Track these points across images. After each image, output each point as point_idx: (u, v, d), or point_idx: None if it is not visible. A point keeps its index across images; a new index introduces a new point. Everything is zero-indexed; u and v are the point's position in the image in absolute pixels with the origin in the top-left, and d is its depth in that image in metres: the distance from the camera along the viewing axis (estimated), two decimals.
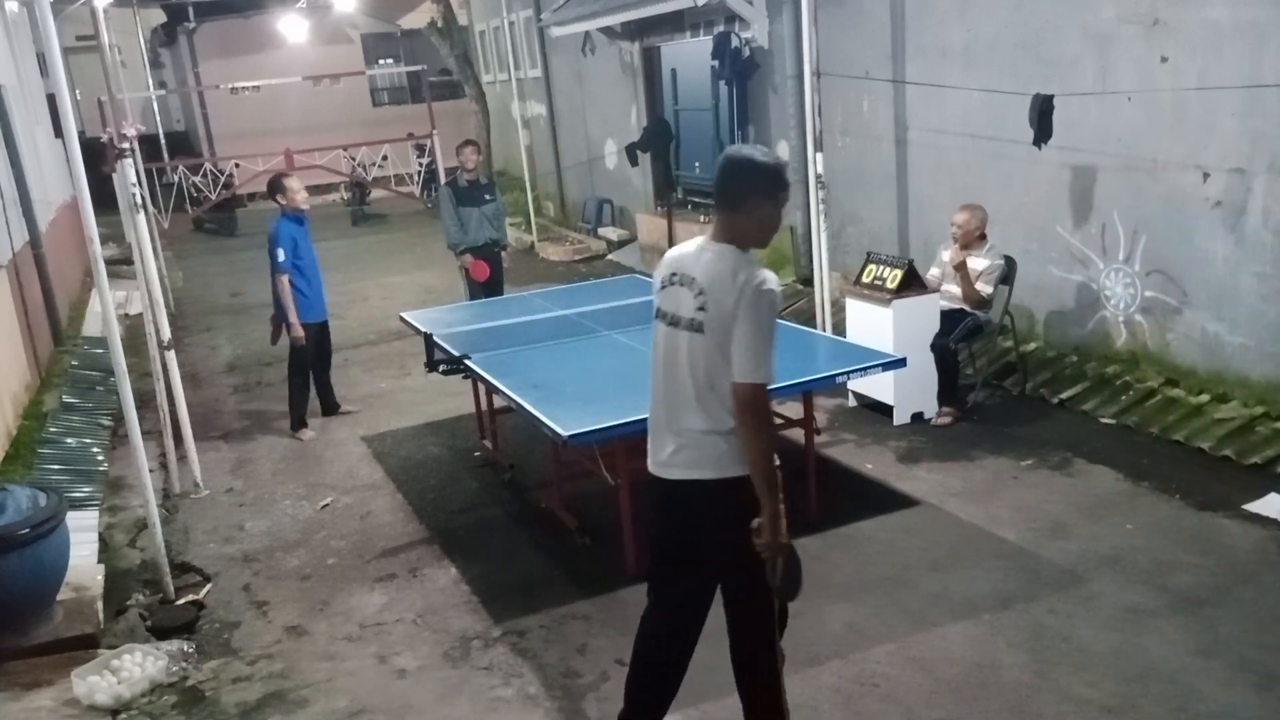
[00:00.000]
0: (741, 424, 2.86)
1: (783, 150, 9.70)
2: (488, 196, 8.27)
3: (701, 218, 10.46)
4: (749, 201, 2.90)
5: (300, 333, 6.79)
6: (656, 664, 3.23)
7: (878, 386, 6.21)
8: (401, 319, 6.81)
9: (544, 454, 5.64)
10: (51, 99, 11.70)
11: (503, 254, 8.54)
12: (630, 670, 3.28)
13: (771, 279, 2.86)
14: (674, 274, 2.99)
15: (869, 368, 5.04)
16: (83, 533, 5.04)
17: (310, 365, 7.05)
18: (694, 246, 3.01)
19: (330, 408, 7.31)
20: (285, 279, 6.75)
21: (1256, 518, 4.72)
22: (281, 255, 6.75)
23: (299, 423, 7.00)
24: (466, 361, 5.45)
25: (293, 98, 18.25)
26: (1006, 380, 6.78)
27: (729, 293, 2.81)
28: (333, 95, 18.54)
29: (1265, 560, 4.37)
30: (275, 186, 6.98)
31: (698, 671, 3.23)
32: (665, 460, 3.04)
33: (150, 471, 4.88)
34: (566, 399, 4.68)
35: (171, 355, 5.86)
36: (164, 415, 5.86)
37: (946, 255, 6.39)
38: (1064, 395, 6.36)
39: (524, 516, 5.44)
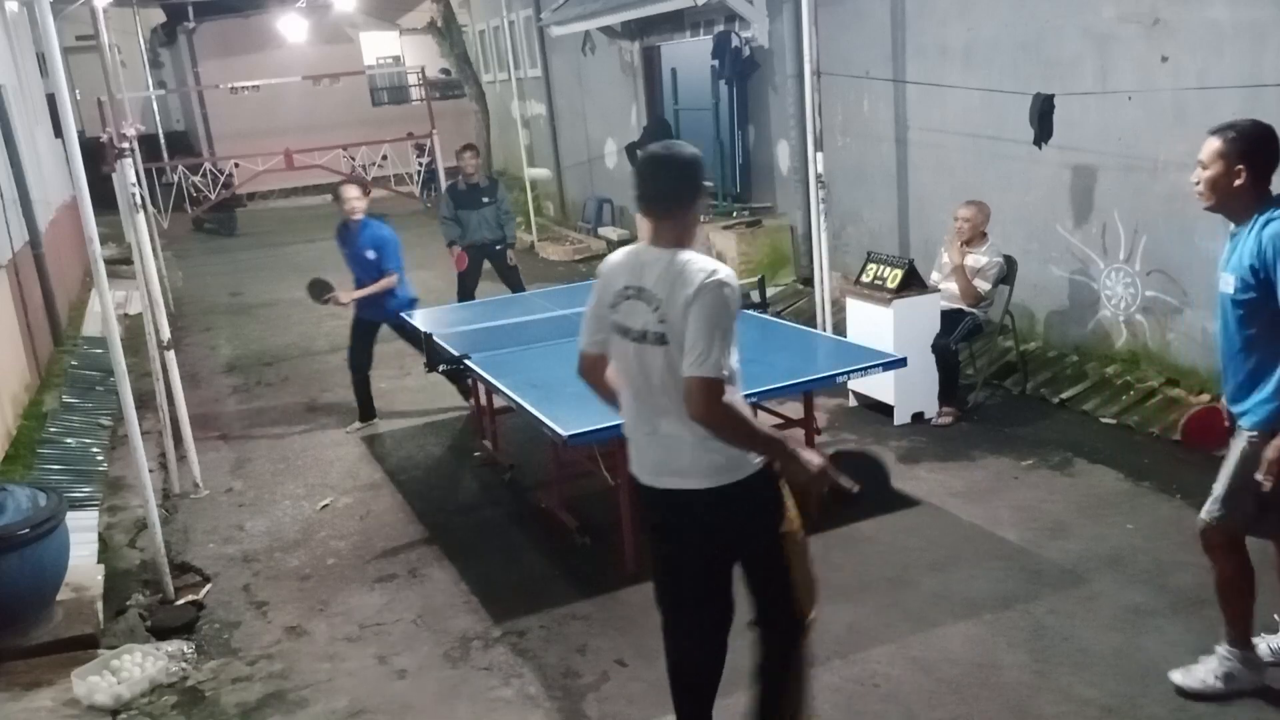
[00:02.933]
0: (699, 417, 2.66)
1: (783, 150, 9.71)
2: (485, 199, 8.32)
3: (701, 217, 10.44)
4: (685, 199, 2.81)
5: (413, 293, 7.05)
6: (702, 684, 3.08)
7: (878, 386, 6.21)
8: (401, 318, 6.80)
9: (544, 454, 5.63)
10: (51, 99, 11.67)
11: (509, 252, 8.55)
12: (676, 696, 3.13)
13: (728, 273, 2.70)
14: (626, 287, 2.82)
15: (869, 368, 5.04)
16: (83, 533, 5.04)
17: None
18: (638, 256, 2.84)
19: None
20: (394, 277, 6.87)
21: None
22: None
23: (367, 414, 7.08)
24: (466, 361, 5.45)
25: (292, 97, 18.25)
26: (1007, 380, 6.78)
27: (685, 294, 2.65)
28: (332, 95, 18.53)
29: (1265, 560, 4.35)
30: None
31: None
32: (671, 469, 2.86)
33: (150, 471, 4.89)
34: (566, 399, 4.67)
35: (171, 355, 5.86)
36: (164, 415, 5.86)
37: (947, 256, 6.39)
38: (1064, 395, 6.36)
39: (524, 516, 5.44)
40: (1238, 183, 3.12)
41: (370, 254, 6.83)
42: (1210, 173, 3.17)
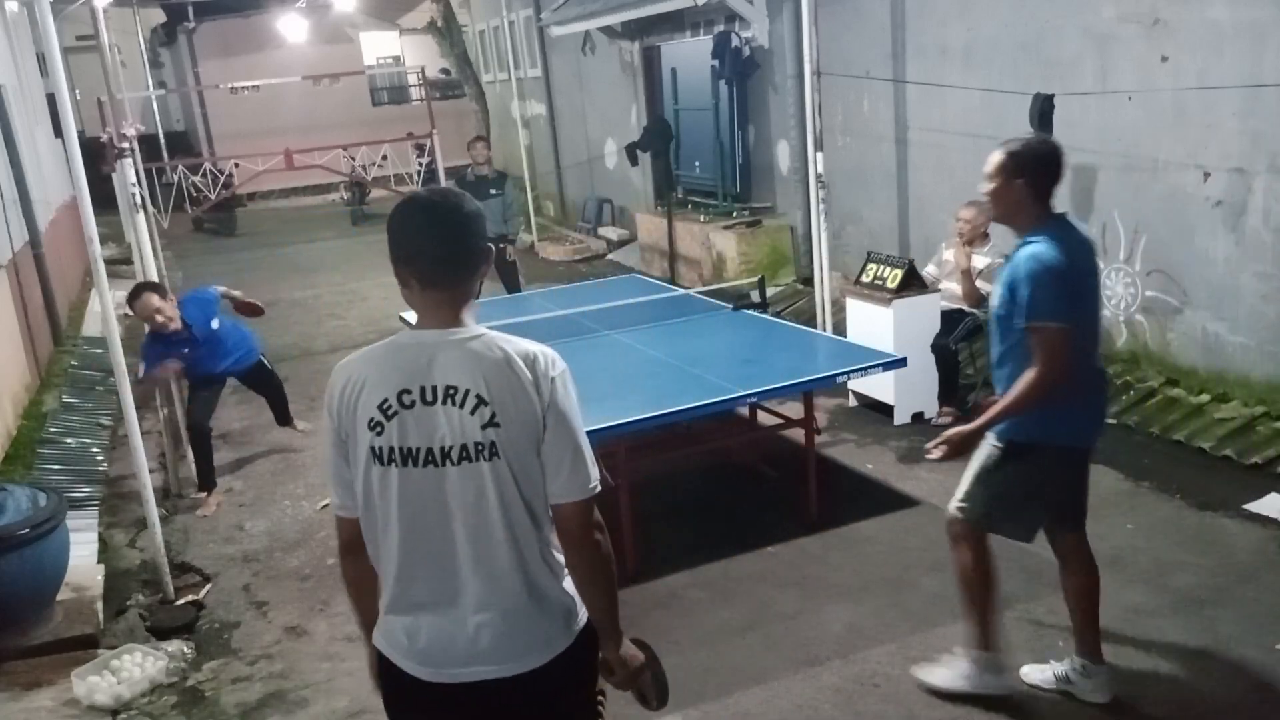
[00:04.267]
0: (587, 547, 2.11)
1: (783, 150, 9.71)
2: (493, 191, 8.31)
3: (701, 217, 10.46)
4: (480, 260, 2.10)
5: None
6: None
7: (878, 386, 6.21)
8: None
9: None
10: (51, 99, 11.68)
11: (509, 249, 8.51)
12: None
13: (553, 353, 2.10)
14: (403, 392, 2.02)
15: (869, 367, 5.04)
16: (83, 533, 5.04)
17: None
18: (416, 346, 2.05)
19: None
20: None
21: (1257, 517, 4.71)
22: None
23: None
24: None
25: (292, 97, 18.26)
26: None
27: (527, 390, 2.01)
28: (332, 95, 18.54)
29: (1265, 560, 4.37)
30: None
31: (696, 673, 3.24)
32: (516, 650, 2.08)
33: (150, 471, 4.88)
34: None
35: None
36: (164, 415, 5.86)
37: (948, 254, 6.38)
38: None
39: None
40: (1016, 197, 3.27)
41: (214, 323, 5.96)
42: (992, 185, 3.31)
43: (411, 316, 2.17)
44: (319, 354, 9.20)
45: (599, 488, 2.12)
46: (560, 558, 2.15)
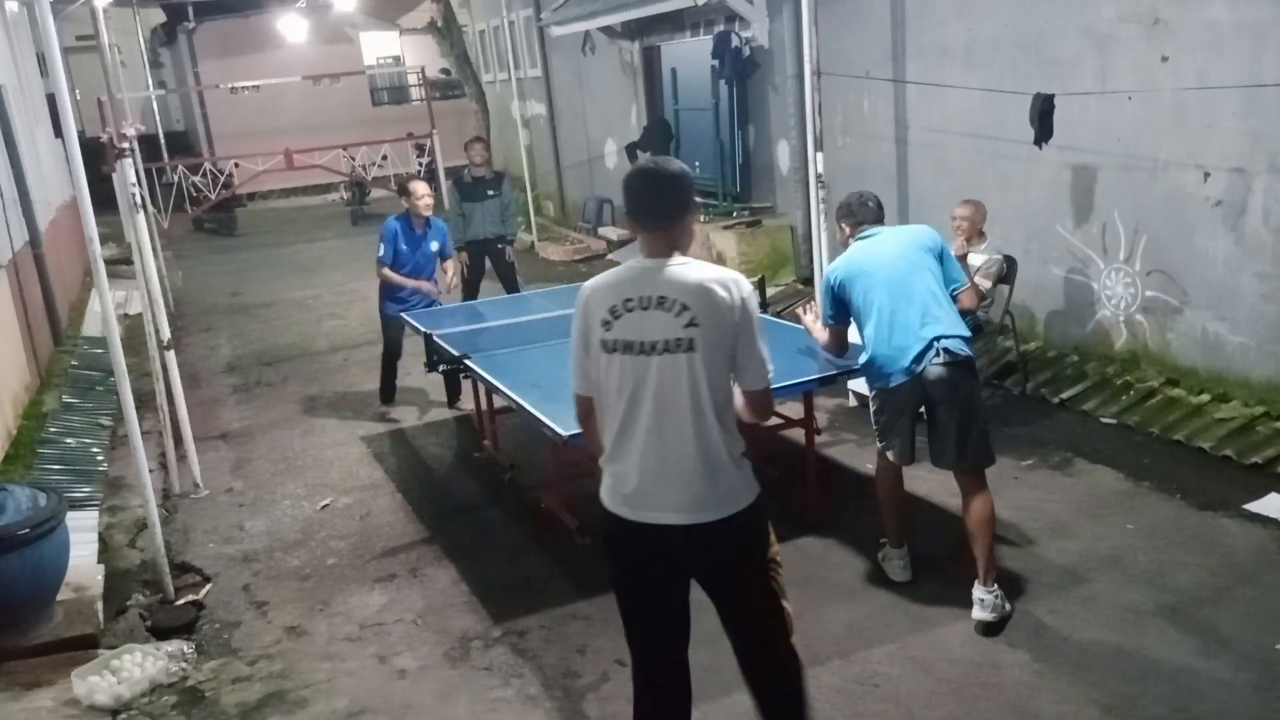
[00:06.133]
0: (765, 417, 2.95)
1: (783, 150, 9.71)
2: (490, 192, 8.28)
3: (701, 217, 10.46)
4: (686, 211, 2.79)
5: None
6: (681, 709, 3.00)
7: None
8: (401, 317, 6.80)
9: (544, 454, 5.63)
10: (51, 99, 11.69)
11: (508, 249, 8.50)
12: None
13: (742, 278, 2.78)
14: (628, 300, 2.71)
15: None
16: (83, 533, 5.04)
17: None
18: (640, 269, 2.76)
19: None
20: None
21: (1257, 518, 4.71)
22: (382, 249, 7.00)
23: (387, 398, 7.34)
24: (466, 361, 5.46)
25: (292, 97, 18.27)
26: (1007, 380, 6.78)
27: (724, 304, 2.66)
28: (332, 95, 18.55)
29: (1265, 560, 4.37)
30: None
31: (697, 673, 3.22)
32: (689, 500, 2.72)
33: (150, 471, 4.89)
34: (566, 399, 4.62)
35: (171, 355, 5.86)
36: (164, 415, 5.86)
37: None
38: (1065, 395, 6.35)
39: (524, 516, 5.44)
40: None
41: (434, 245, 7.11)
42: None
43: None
44: (319, 354, 9.20)
45: (773, 380, 2.83)
46: (737, 442, 2.78)
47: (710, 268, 2.74)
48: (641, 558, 2.83)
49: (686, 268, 2.72)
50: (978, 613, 3.99)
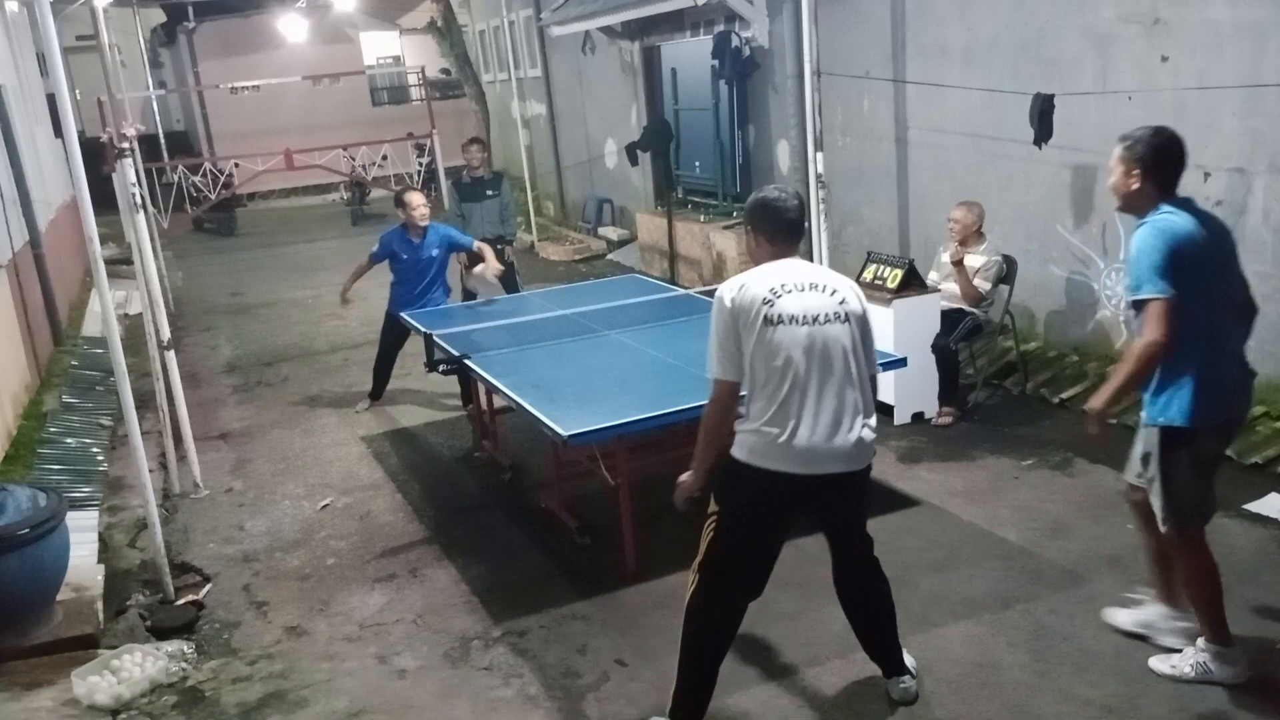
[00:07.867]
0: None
1: (783, 150, 9.71)
2: (489, 193, 8.28)
3: (701, 217, 10.46)
4: (803, 231, 3.42)
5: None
6: (723, 651, 3.40)
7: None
8: (401, 318, 6.80)
9: (544, 454, 5.63)
10: (51, 99, 11.68)
11: (508, 249, 8.48)
12: (700, 675, 3.37)
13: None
14: (783, 283, 3.20)
15: None
16: (83, 533, 5.04)
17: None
18: (790, 265, 3.28)
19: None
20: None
21: (1257, 518, 4.72)
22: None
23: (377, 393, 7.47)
24: (466, 361, 5.46)
25: (292, 97, 18.26)
26: (1007, 380, 6.78)
27: (857, 294, 3.31)
28: (332, 95, 18.54)
29: (1265, 560, 4.37)
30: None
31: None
32: (848, 452, 3.18)
33: (150, 471, 4.88)
34: (566, 399, 4.68)
35: (171, 355, 5.86)
36: (164, 415, 5.86)
37: (945, 256, 6.39)
38: (1065, 395, 6.35)
39: (524, 516, 5.44)
40: (1135, 185, 3.48)
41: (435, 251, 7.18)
42: (1112, 179, 3.54)
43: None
44: (319, 354, 9.20)
45: (881, 369, 3.42)
46: (871, 403, 3.28)
47: (831, 271, 3.43)
48: (794, 504, 3.28)
49: (814, 266, 3.35)
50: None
